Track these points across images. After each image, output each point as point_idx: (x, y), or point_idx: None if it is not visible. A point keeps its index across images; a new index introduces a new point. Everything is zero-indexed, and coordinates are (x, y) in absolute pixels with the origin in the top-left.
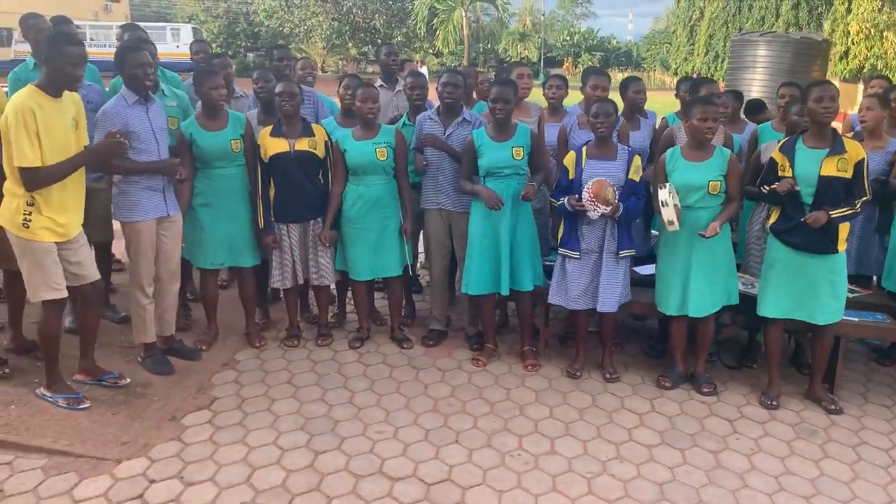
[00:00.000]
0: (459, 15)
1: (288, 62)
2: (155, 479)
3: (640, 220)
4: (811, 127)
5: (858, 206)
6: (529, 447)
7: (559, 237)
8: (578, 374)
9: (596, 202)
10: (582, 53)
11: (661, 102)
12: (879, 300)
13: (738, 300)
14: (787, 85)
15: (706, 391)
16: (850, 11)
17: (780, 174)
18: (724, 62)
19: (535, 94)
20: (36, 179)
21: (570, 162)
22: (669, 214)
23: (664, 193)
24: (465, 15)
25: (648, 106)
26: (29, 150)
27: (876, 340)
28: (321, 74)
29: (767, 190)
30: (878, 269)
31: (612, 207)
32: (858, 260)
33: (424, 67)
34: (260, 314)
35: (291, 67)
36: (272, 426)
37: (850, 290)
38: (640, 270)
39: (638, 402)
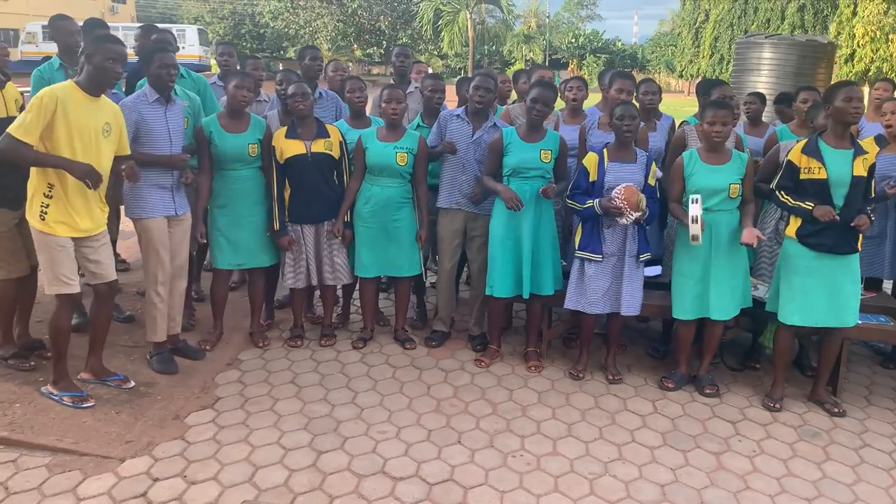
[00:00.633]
0: (464, 17)
1: (320, 64)
2: (158, 477)
3: (654, 222)
4: (835, 127)
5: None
6: (531, 448)
7: (577, 240)
8: (581, 375)
9: (629, 208)
10: (587, 55)
11: (665, 104)
12: (883, 303)
13: (752, 303)
14: (807, 89)
15: (709, 393)
16: (855, 14)
17: (803, 177)
18: (729, 64)
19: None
20: (9, 147)
21: (590, 164)
22: (697, 230)
23: (696, 209)
24: (470, 17)
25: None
26: (34, 127)
27: (879, 343)
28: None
29: (802, 206)
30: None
31: (641, 213)
32: (869, 261)
33: (428, 70)
34: (265, 315)
35: (322, 69)
36: (275, 426)
37: None
38: (646, 272)
39: (640, 403)
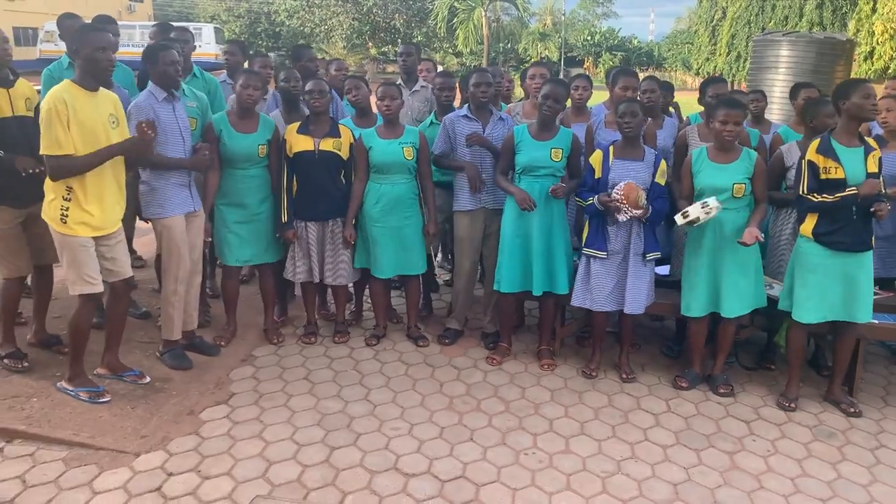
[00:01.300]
0: (479, 14)
1: (315, 63)
2: (173, 472)
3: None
4: (848, 125)
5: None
6: (544, 446)
7: (584, 237)
8: (594, 373)
9: (627, 205)
10: (603, 53)
11: (681, 102)
12: None
13: (766, 303)
14: (805, 86)
15: (723, 392)
16: (875, 11)
17: (822, 177)
18: (746, 62)
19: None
20: (64, 168)
21: (596, 161)
22: (695, 213)
23: (713, 203)
24: (485, 14)
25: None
26: (63, 137)
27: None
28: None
29: (834, 198)
30: None
31: (641, 211)
32: (883, 261)
33: (440, 67)
34: (278, 311)
35: (318, 68)
36: (289, 422)
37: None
38: (657, 271)
39: (654, 402)
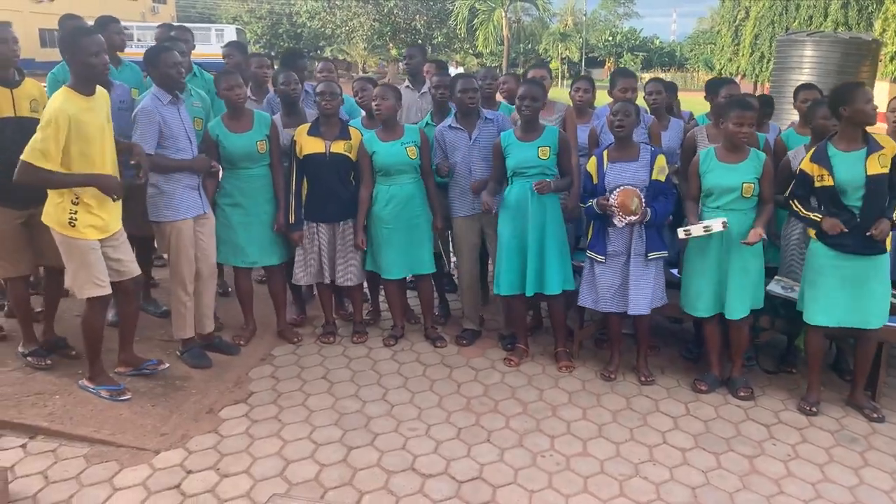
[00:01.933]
0: (500, 15)
1: (306, 72)
2: (192, 469)
3: (672, 219)
4: (846, 129)
5: None
6: (561, 448)
7: (588, 240)
8: (613, 376)
9: (621, 212)
10: (624, 54)
11: (703, 103)
12: None
13: (762, 304)
14: (807, 88)
15: (743, 395)
16: None
17: (816, 185)
18: (769, 63)
19: (561, 94)
20: (38, 180)
21: (592, 167)
22: (697, 232)
23: (717, 225)
24: (505, 15)
25: (689, 107)
26: (52, 151)
27: None
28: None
29: (811, 217)
30: None
31: (639, 216)
32: None
33: (460, 69)
34: (296, 311)
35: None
36: (307, 421)
37: (892, 294)
38: (675, 272)
39: (672, 405)
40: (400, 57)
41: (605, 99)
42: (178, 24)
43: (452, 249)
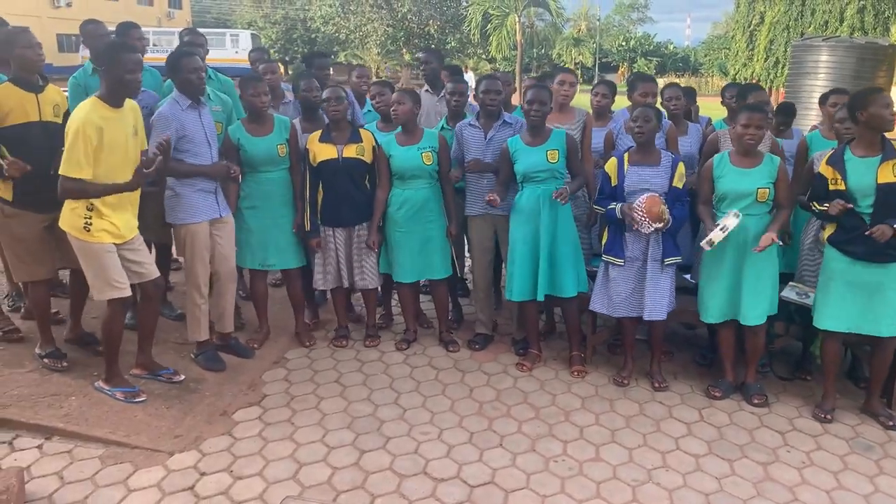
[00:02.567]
0: (513, 20)
1: (328, 72)
2: (205, 471)
3: (688, 225)
4: (865, 134)
5: None
6: (574, 453)
7: (603, 243)
8: (626, 381)
9: (649, 219)
10: (638, 59)
11: (719, 109)
12: None
13: (777, 310)
14: (837, 92)
15: (757, 402)
16: None
17: (831, 188)
18: (784, 68)
19: (581, 99)
20: (76, 191)
21: (611, 168)
22: (718, 237)
23: (732, 222)
24: (518, 20)
25: (705, 112)
26: (84, 161)
27: None
28: (374, 80)
29: (818, 209)
30: None
31: (663, 223)
32: None
33: (470, 73)
34: (309, 314)
35: (329, 76)
36: (319, 424)
37: None
38: (689, 277)
39: (686, 411)
40: (413, 62)
41: (622, 103)
42: (191, 28)
43: (467, 254)
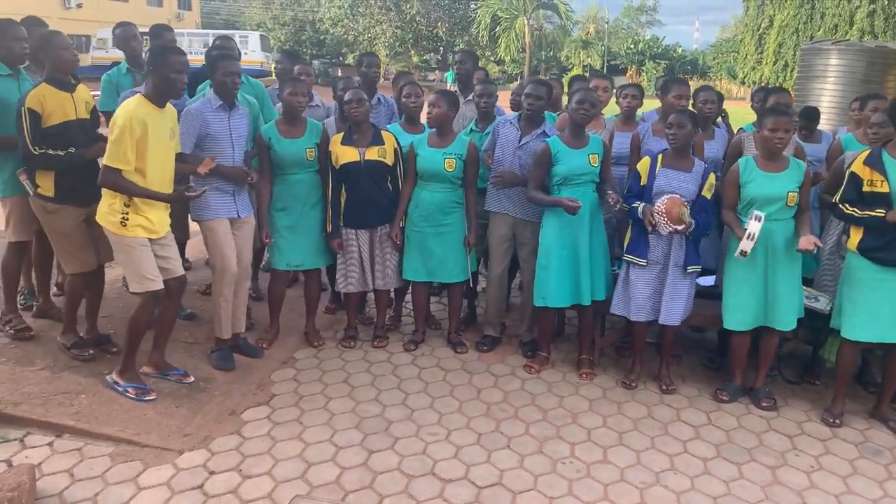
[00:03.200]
0: (522, 23)
1: (376, 70)
2: (214, 470)
3: (713, 231)
4: None
5: None
6: (581, 455)
7: (626, 244)
8: (634, 384)
9: (668, 219)
10: (646, 62)
11: (733, 112)
12: None
13: (804, 314)
14: (875, 97)
15: (765, 406)
16: None
17: (866, 189)
18: (793, 71)
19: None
20: (117, 184)
21: (643, 167)
22: (748, 246)
23: (756, 227)
24: (527, 23)
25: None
26: (129, 154)
27: None
28: (383, 82)
29: (861, 214)
30: None
31: (684, 226)
32: None
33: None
34: (332, 298)
35: (378, 75)
36: (328, 424)
37: None
38: (700, 281)
39: (694, 414)
40: (421, 64)
41: (648, 105)
42: (225, 34)
43: (484, 254)
